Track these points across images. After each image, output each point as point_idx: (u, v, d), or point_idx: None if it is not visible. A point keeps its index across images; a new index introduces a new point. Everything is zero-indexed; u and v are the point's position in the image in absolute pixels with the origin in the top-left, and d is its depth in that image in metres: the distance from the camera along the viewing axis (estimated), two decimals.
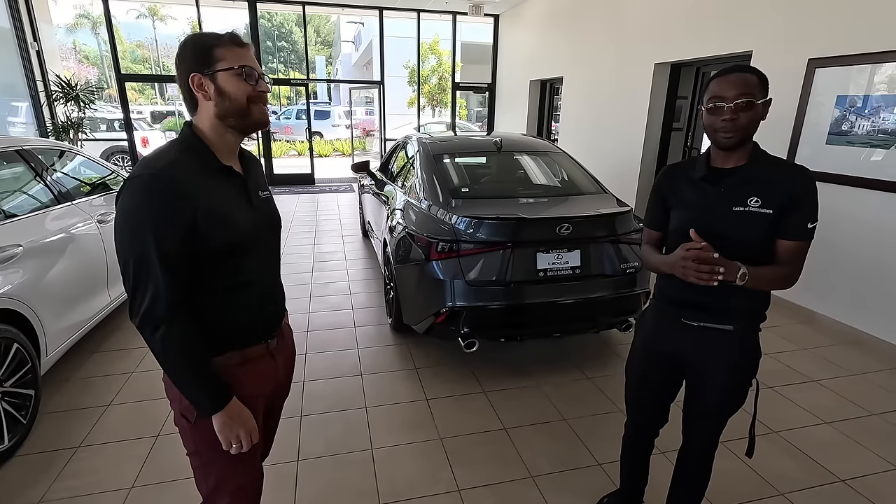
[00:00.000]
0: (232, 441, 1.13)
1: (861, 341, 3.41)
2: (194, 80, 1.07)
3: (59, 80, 7.48)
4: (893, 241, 3.26)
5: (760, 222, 1.33)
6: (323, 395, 2.72)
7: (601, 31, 6.45)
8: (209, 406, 1.10)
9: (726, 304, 1.42)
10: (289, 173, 10.14)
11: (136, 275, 1.01)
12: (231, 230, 1.10)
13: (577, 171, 3.64)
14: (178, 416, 1.18)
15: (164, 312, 1.01)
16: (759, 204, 1.32)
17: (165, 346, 1.03)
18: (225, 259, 1.11)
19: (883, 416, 2.59)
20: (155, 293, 1.00)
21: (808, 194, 1.32)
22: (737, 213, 1.34)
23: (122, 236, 1.02)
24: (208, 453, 1.18)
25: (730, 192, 1.36)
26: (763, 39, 4.13)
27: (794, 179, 1.32)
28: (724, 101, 1.29)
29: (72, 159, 3.51)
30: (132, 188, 1.02)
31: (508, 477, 2.14)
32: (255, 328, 1.23)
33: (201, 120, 1.12)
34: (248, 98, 1.10)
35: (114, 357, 3.07)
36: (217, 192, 1.10)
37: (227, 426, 1.11)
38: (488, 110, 10.70)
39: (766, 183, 1.33)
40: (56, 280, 2.64)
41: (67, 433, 2.36)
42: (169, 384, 1.15)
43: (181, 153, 1.08)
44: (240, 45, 1.10)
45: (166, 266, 1.00)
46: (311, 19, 33.68)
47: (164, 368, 1.09)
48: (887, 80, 3.25)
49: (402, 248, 3.04)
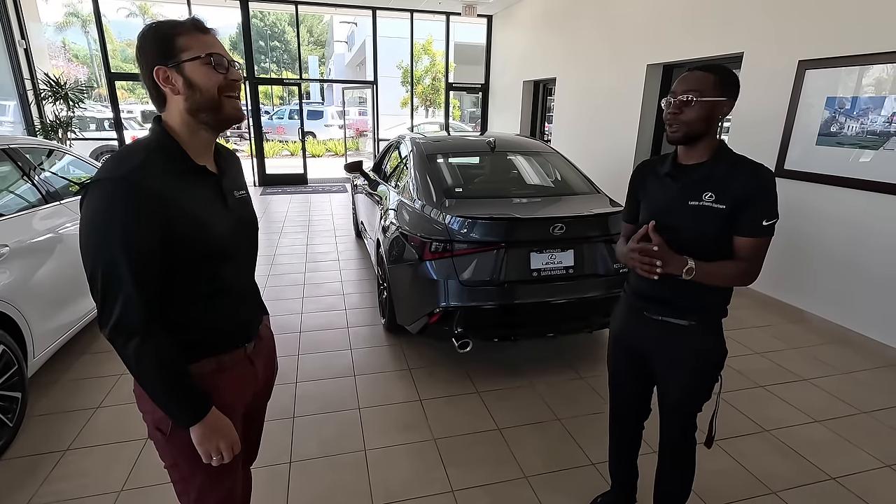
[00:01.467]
0: (212, 453, 1.07)
1: (850, 340, 3.45)
2: (159, 74, 0.99)
3: (47, 79, 7.39)
4: (880, 242, 3.30)
5: (714, 217, 1.36)
6: (316, 395, 2.70)
7: (594, 32, 6.48)
8: (187, 418, 1.04)
9: (682, 299, 1.44)
10: (281, 173, 10.08)
11: (104, 284, 0.94)
12: (207, 236, 1.04)
13: (571, 172, 3.64)
14: (152, 429, 1.12)
15: (136, 323, 0.95)
16: (713, 199, 1.36)
17: (139, 358, 0.98)
18: (200, 265, 1.05)
19: (872, 415, 2.61)
20: (126, 303, 0.94)
21: (763, 191, 1.34)
22: (692, 208, 1.38)
23: (88, 244, 0.94)
24: (187, 466, 1.13)
25: (687, 188, 1.40)
26: (754, 41, 4.17)
27: (748, 176, 1.35)
28: (672, 95, 1.35)
29: (60, 158, 3.47)
30: (97, 193, 0.94)
31: (502, 477, 2.13)
32: (232, 334, 1.17)
33: (171, 116, 1.04)
34: (218, 88, 1.02)
35: (103, 358, 3.03)
36: (191, 196, 1.03)
37: (206, 438, 1.06)
38: (482, 111, 10.71)
39: (722, 179, 1.36)
40: (43, 281, 2.60)
41: (55, 436, 2.33)
42: (141, 395, 1.09)
43: (150, 153, 1.00)
44: (203, 31, 1.02)
45: (137, 275, 0.94)
46: (303, 19, 33.43)
47: (137, 380, 1.03)
48: (874, 81, 3.29)
49: (395, 248, 3.03)
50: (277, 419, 2.44)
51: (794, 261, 3.88)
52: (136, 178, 0.94)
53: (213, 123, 1.06)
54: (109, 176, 0.95)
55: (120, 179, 0.94)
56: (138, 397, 1.11)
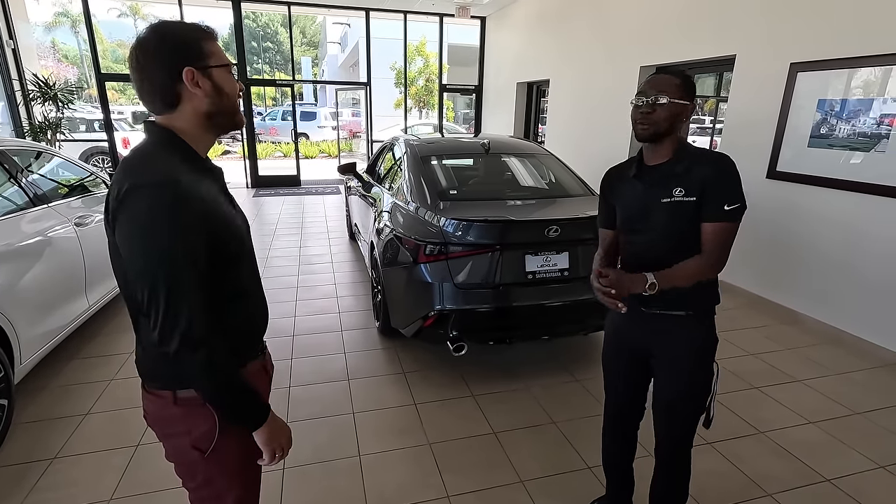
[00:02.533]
0: (276, 451, 1.09)
1: (843, 341, 3.47)
2: (188, 76, 0.96)
3: (35, 79, 7.30)
4: (873, 243, 3.32)
5: (686, 210, 1.41)
6: (309, 400, 2.68)
7: (587, 34, 6.50)
8: (258, 419, 1.05)
9: (674, 291, 1.45)
10: (274, 175, 10.02)
11: (168, 296, 0.90)
12: (237, 236, 1.05)
13: (565, 173, 3.64)
14: (186, 450, 1.07)
15: (203, 332, 0.93)
16: (683, 193, 1.41)
17: (210, 368, 0.95)
18: (228, 268, 1.03)
19: (866, 415, 2.63)
20: (192, 313, 0.91)
21: (722, 176, 1.39)
22: (665, 205, 1.44)
23: (145, 255, 0.90)
24: (224, 481, 1.13)
25: (657, 186, 1.46)
26: (747, 43, 4.19)
27: (709, 165, 1.41)
28: (644, 95, 1.41)
29: (49, 161, 3.42)
30: (140, 202, 0.89)
31: (498, 482, 2.12)
32: (254, 339, 1.19)
33: (181, 117, 1.01)
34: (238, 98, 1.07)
35: (93, 364, 2.98)
36: (214, 197, 1.02)
37: (273, 437, 1.07)
38: (475, 112, 10.72)
39: (687, 173, 1.42)
40: (31, 285, 2.56)
41: (43, 444, 2.28)
42: (170, 417, 1.05)
43: (171, 155, 0.98)
44: (217, 39, 1.04)
45: (198, 283, 0.92)
46: (296, 20, 33.41)
47: (204, 392, 0.99)
48: (863, 84, 3.32)
49: (389, 250, 3.01)
50: None
51: (787, 262, 3.90)
52: (176, 182, 0.92)
53: (224, 127, 1.07)
54: (148, 182, 0.91)
55: (161, 185, 0.91)
56: (164, 419, 1.07)
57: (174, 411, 1.05)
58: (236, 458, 1.10)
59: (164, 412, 1.06)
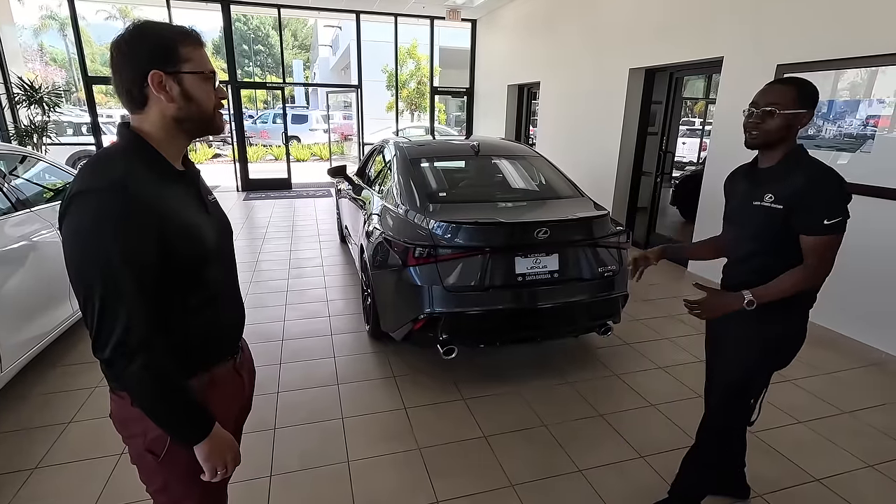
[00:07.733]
0: (218, 468, 1.05)
1: (832, 340, 3.48)
2: (154, 79, 0.94)
3: (21, 83, 7.20)
4: (859, 242, 3.33)
5: (772, 217, 1.46)
6: (298, 405, 2.64)
7: (577, 36, 6.53)
8: (195, 435, 1.01)
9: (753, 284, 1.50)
10: (265, 178, 9.95)
11: (102, 303, 0.88)
12: (197, 242, 1.02)
13: (555, 175, 3.64)
14: (141, 453, 1.06)
15: (139, 341, 0.90)
16: (773, 200, 1.46)
17: (144, 378, 0.92)
18: (190, 274, 1.01)
19: (853, 414, 2.64)
20: (127, 321, 0.89)
21: (814, 189, 1.42)
22: (754, 207, 1.50)
23: (79, 261, 0.89)
24: (180, 488, 1.10)
25: (754, 188, 1.53)
26: (734, 46, 4.23)
27: (804, 177, 1.43)
28: (755, 106, 1.46)
29: (34, 165, 3.37)
30: (83, 206, 0.89)
31: (489, 486, 2.10)
32: (222, 344, 1.16)
33: (148, 120, 0.99)
34: (213, 106, 1.02)
35: (76, 371, 2.93)
36: (177, 202, 1.00)
37: (213, 454, 1.03)
38: (467, 115, 10.73)
39: (782, 181, 1.46)
40: (12, 290, 2.51)
41: (24, 454, 2.23)
42: (128, 418, 1.04)
43: (130, 160, 0.96)
44: (201, 45, 1.01)
45: (138, 290, 0.89)
46: (287, 23, 33.26)
47: (139, 401, 0.97)
48: (849, 85, 3.35)
49: (379, 253, 2.99)
50: (257, 431, 2.37)
51: None
52: (123, 188, 0.90)
53: (195, 132, 1.05)
54: (94, 187, 0.90)
55: (106, 190, 0.89)
56: (123, 420, 1.06)
57: (133, 413, 1.01)
58: (188, 466, 1.04)
59: (124, 413, 1.04)
